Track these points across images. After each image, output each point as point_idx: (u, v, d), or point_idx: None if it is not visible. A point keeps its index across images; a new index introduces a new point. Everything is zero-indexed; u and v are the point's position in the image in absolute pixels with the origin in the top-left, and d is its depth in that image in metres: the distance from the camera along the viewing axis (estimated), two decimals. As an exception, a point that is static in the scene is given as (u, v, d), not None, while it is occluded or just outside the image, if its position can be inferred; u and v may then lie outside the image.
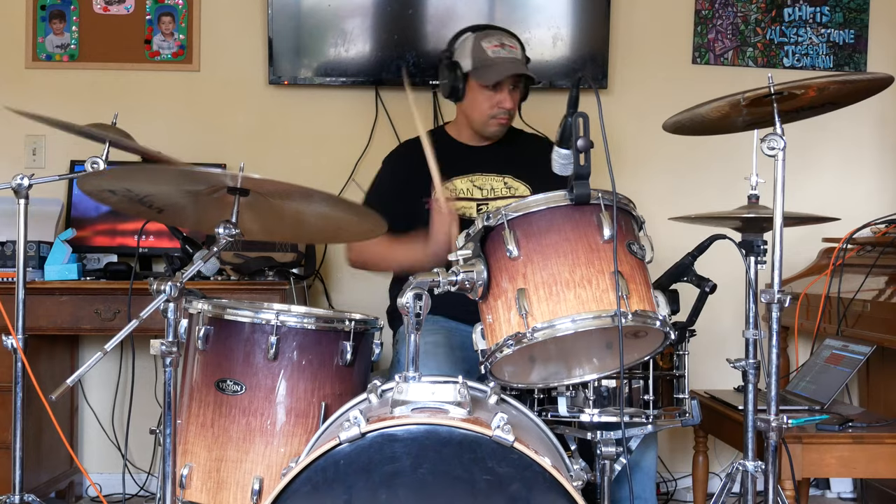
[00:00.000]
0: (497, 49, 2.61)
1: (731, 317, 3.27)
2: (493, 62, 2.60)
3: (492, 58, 2.60)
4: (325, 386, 2.11)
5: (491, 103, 2.65)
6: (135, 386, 3.14)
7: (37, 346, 2.98)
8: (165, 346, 1.69)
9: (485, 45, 2.61)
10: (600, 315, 1.74)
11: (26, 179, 2.21)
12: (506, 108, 2.66)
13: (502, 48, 2.62)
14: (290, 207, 1.94)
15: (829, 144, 3.61)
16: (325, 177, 3.41)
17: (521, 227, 1.80)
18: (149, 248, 3.37)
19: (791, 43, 3.62)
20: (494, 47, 2.61)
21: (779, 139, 1.88)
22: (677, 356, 2.18)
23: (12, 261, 2.95)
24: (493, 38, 2.63)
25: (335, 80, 3.50)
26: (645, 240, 1.88)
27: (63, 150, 3.42)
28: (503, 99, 2.64)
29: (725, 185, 2.60)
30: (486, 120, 2.69)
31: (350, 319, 2.15)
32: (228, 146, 3.51)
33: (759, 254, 2.15)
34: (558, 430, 2.11)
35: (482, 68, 2.61)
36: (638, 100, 3.57)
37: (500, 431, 1.60)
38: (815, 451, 2.42)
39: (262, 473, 2.04)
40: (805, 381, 2.81)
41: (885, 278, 2.84)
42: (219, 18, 3.55)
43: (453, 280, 1.81)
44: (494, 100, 2.64)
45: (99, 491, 3.41)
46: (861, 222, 3.00)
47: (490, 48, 2.61)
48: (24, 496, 2.21)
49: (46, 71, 3.53)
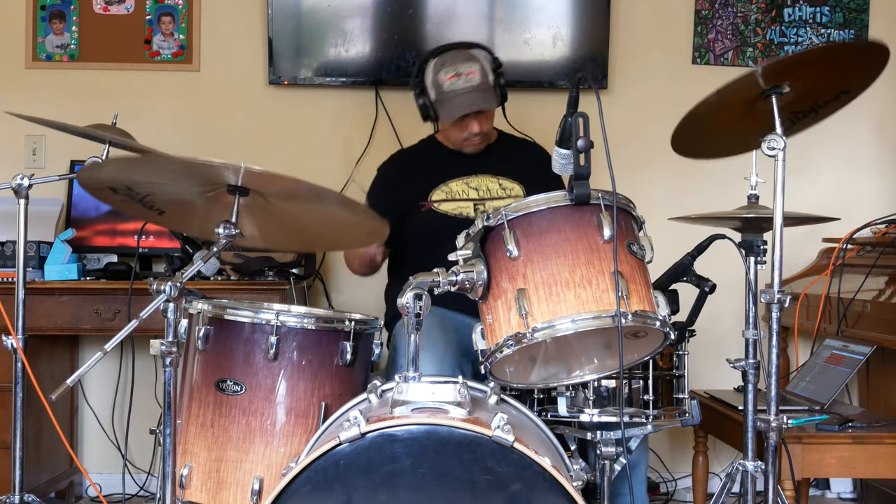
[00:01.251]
0: (453, 80, 2.59)
1: (731, 317, 3.27)
2: (450, 97, 2.60)
3: (447, 92, 2.59)
4: (325, 386, 2.11)
5: (461, 131, 2.69)
6: (135, 386, 3.14)
7: (37, 346, 2.98)
8: (165, 346, 1.69)
9: (441, 78, 2.60)
10: (600, 315, 1.74)
11: (26, 179, 2.21)
12: (475, 132, 2.68)
13: (458, 78, 2.59)
14: (291, 210, 1.93)
15: (828, 144, 3.61)
16: (325, 177, 3.38)
17: (521, 227, 1.80)
18: (149, 248, 3.37)
19: (791, 43, 3.62)
20: (451, 79, 2.59)
21: (779, 139, 1.88)
22: (677, 356, 2.18)
23: (12, 261, 2.96)
24: (449, 69, 2.60)
25: (335, 80, 3.50)
26: (645, 240, 1.88)
27: (63, 150, 3.42)
28: (470, 126, 2.67)
29: (725, 185, 2.60)
30: (460, 144, 2.74)
31: (350, 319, 2.15)
32: (228, 146, 3.51)
33: (759, 254, 2.15)
34: (558, 430, 2.11)
35: (441, 104, 2.62)
36: (638, 100, 3.57)
37: (500, 431, 1.60)
38: (814, 452, 2.42)
39: (262, 473, 2.04)
40: (805, 381, 2.81)
41: (885, 278, 2.84)
42: (219, 18, 3.55)
43: (453, 280, 1.81)
44: (462, 128, 2.68)
45: (99, 491, 3.41)
46: (861, 222, 3.00)
47: (447, 80, 2.60)
48: (24, 496, 2.22)
49: (46, 71, 3.53)
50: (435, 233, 2.53)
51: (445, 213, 2.71)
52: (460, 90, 2.59)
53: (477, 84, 2.60)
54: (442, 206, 2.72)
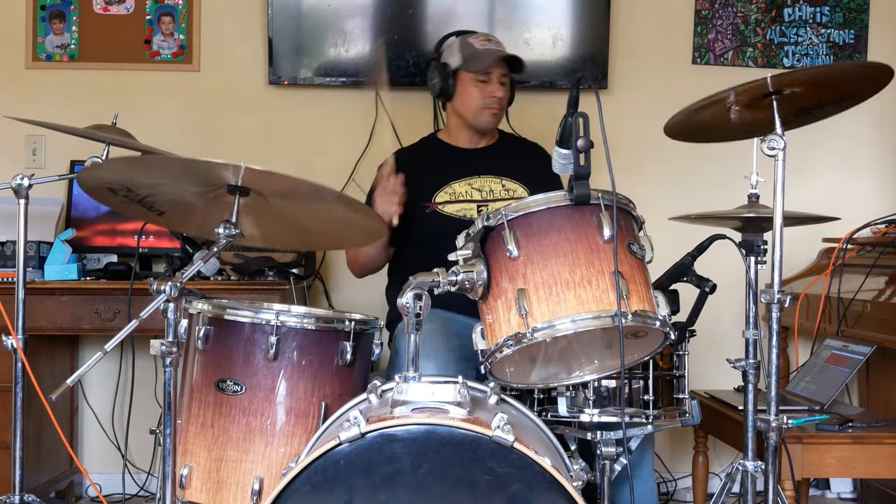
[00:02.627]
0: (484, 42, 2.74)
1: (731, 317, 3.27)
2: (482, 52, 2.71)
3: (480, 49, 2.71)
4: (325, 386, 2.11)
5: (483, 94, 2.73)
6: (135, 386, 3.14)
7: (37, 346, 2.98)
8: (165, 346, 1.69)
9: (471, 41, 2.74)
10: (600, 315, 1.74)
11: (26, 179, 2.21)
12: (497, 97, 2.73)
13: (489, 42, 2.74)
14: (290, 210, 1.93)
15: (828, 144, 3.61)
16: (326, 177, 3.37)
17: (521, 227, 1.80)
18: (149, 248, 3.37)
19: (791, 43, 3.62)
20: (482, 42, 2.74)
21: (779, 139, 1.88)
22: (677, 356, 2.18)
23: (12, 261, 2.96)
24: (479, 35, 2.77)
25: (335, 80, 3.50)
26: (645, 240, 1.88)
27: (63, 150, 3.42)
28: (494, 89, 2.73)
29: (725, 184, 2.60)
30: (478, 111, 2.75)
31: (350, 319, 2.15)
32: (228, 146, 3.51)
33: (759, 254, 2.15)
34: (558, 430, 2.11)
35: (472, 59, 2.71)
36: (638, 100, 3.57)
37: (500, 431, 1.60)
38: (814, 452, 2.42)
39: (262, 473, 2.04)
40: (805, 381, 2.81)
41: (885, 278, 2.84)
42: (219, 18, 3.55)
43: (453, 280, 1.81)
44: (486, 90, 2.72)
45: (99, 491, 3.41)
46: (861, 222, 3.00)
47: (477, 42, 2.74)
48: (24, 496, 2.22)
49: (46, 71, 3.53)
50: (438, 234, 2.51)
51: (450, 214, 2.71)
52: (493, 49, 2.72)
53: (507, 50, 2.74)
54: (446, 207, 2.72)
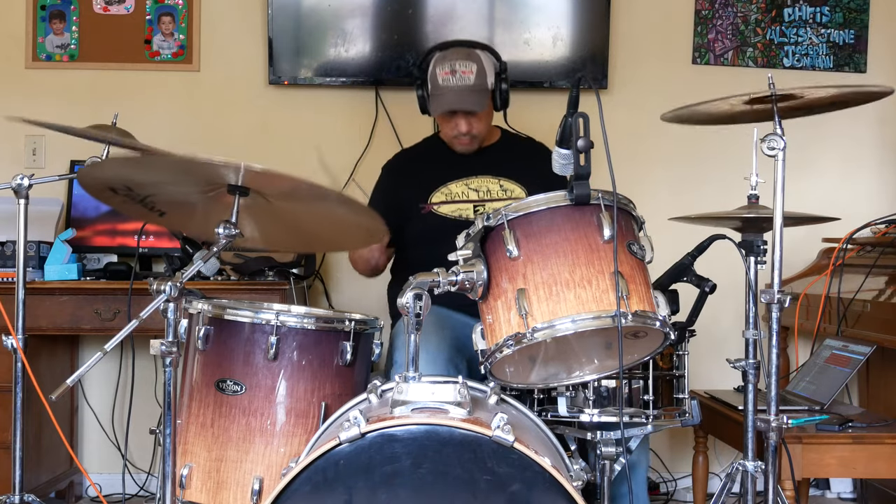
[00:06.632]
0: (447, 77, 2.60)
1: (731, 317, 3.27)
2: (440, 92, 2.61)
3: (440, 87, 2.60)
4: (325, 386, 2.11)
5: (449, 127, 2.70)
6: (135, 386, 3.14)
7: (37, 346, 2.98)
8: (165, 346, 1.69)
9: (438, 72, 2.61)
10: (600, 315, 1.74)
11: (26, 179, 2.21)
12: (461, 132, 2.68)
13: (452, 75, 2.60)
14: (290, 210, 1.93)
15: (829, 144, 3.61)
16: (325, 177, 3.41)
17: (521, 227, 1.80)
18: (149, 248, 3.37)
19: (791, 43, 3.62)
20: (445, 75, 2.60)
21: (779, 139, 1.88)
22: (677, 356, 2.18)
23: (12, 261, 2.95)
24: (446, 64, 2.61)
25: (335, 80, 3.50)
26: (645, 240, 1.88)
27: (63, 150, 3.42)
28: (457, 124, 2.67)
29: (725, 184, 2.60)
30: (451, 140, 2.74)
31: (350, 319, 2.15)
32: (228, 146, 3.50)
33: (759, 254, 2.15)
34: (558, 430, 2.11)
35: (432, 98, 2.64)
36: (638, 100, 3.57)
37: (500, 431, 1.60)
38: (814, 452, 2.42)
39: (262, 473, 2.04)
40: (805, 381, 2.81)
41: (885, 278, 2.84)
42: (219, 18, 3.55)
43: (453, 280, 1.81)
44: (450, 125, 2.68)
45: (99, 491, 3.41)
46: (861, 222, 3.00)
47: (441, 75, 2.60)
48: (24, 496, 2.22)
49: (46, 71, 3.53)
50: (434, 235, 2.53)
51: (445, 215, 2.71)
52: (451, 87, 2.60)
53: (469, 84, 2.59)
54: (442, 208, 2.72)
